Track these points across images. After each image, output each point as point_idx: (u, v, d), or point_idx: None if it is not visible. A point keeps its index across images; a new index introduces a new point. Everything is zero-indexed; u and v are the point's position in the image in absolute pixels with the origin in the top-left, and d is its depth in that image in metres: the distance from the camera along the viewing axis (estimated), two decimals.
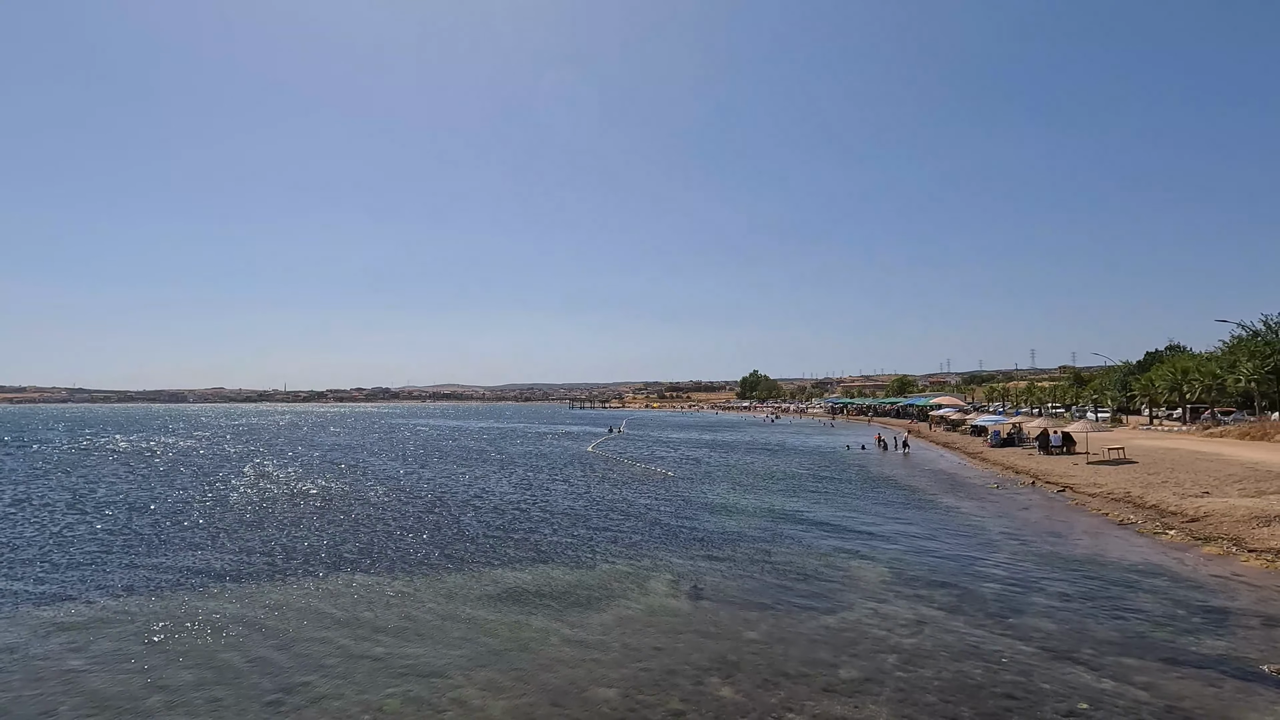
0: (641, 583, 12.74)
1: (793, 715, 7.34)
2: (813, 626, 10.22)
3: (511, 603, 11.53)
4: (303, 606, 11.38)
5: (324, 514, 20.43)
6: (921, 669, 8.54)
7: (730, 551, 15.28)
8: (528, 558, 14.79)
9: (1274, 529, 15.21)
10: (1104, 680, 8.13)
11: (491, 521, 19.13)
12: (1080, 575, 13.06)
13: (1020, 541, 16.31)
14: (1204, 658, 8.80)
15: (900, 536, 17.05)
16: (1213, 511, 17.40)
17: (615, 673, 8.50)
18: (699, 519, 19.55)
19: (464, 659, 9.01)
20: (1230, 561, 13.94)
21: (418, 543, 16.34)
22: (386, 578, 13.20)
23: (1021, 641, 9.50)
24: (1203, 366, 54.99)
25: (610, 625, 10.33)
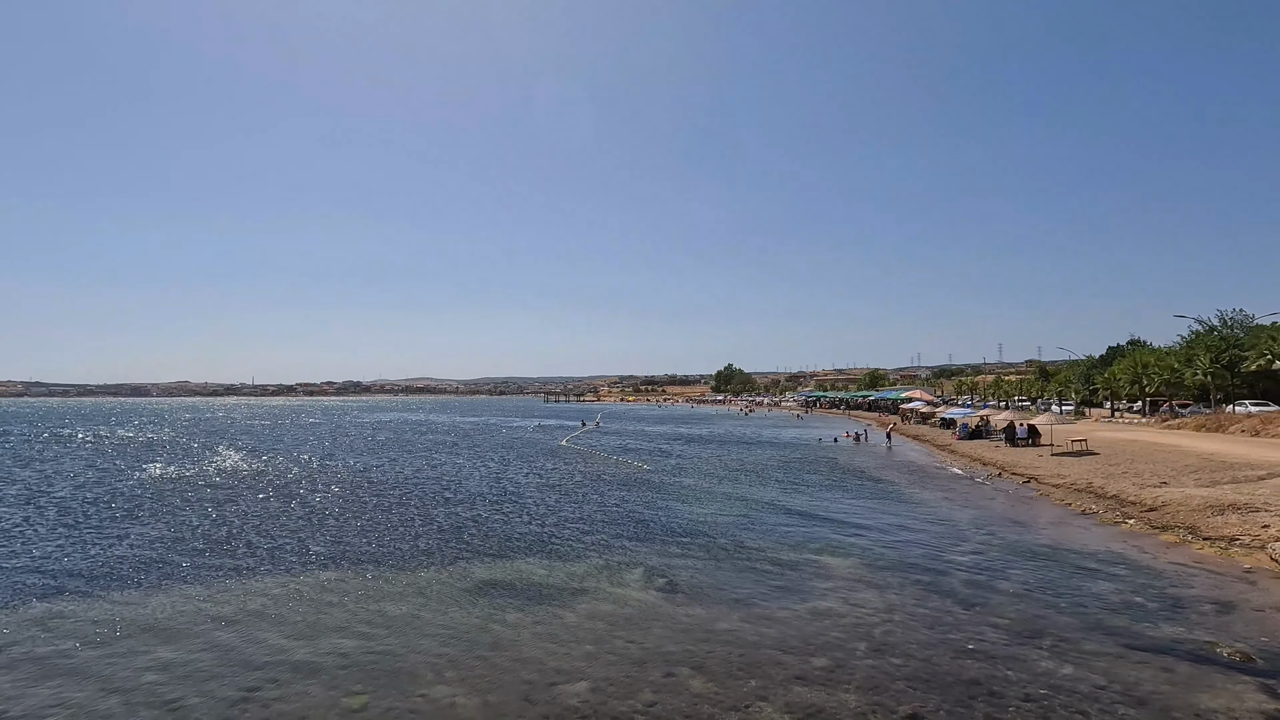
0: (614, 576, 12.72)
1: (763, 705, 7.39)
2: (784, 616, 10.30)
3: (482, 597, 11.43)
4: (266, 604, 11.15)
5: (289, 508, 20.05)
6: (890, 657, 8.66)
7: (703, 544, 15.34)
8: (499, 552, 14.68)
9: (1227, 517, 15.71)
10: (1065, 666, 8.32)
11: (463, 515, 18.95)
12: (1043, 564, 13.36)
13: (987, 531, 16.64)
14: (1160, 642, 9.06)
15: (870, 527, 17.28)
16: (1170, 501, 17.92)
17: (586, 666, 8.47)
18: (672, 511, 19.59)
19: (433, 655, 8.91)
20: (1186, 549, 14.38)
21: (387, 537, 16.12)
22: (354, 573, 13.00)
23: (987, 629, 9.68)
24: (1162, 361, 56.65)
25: (582, 619, 10.29)
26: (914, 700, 7.42)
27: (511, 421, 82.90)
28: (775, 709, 7.27)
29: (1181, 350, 56.34)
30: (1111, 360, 70.35)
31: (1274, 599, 10.81)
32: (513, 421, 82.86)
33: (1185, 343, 56.62)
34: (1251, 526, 14.77)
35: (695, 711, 7.25)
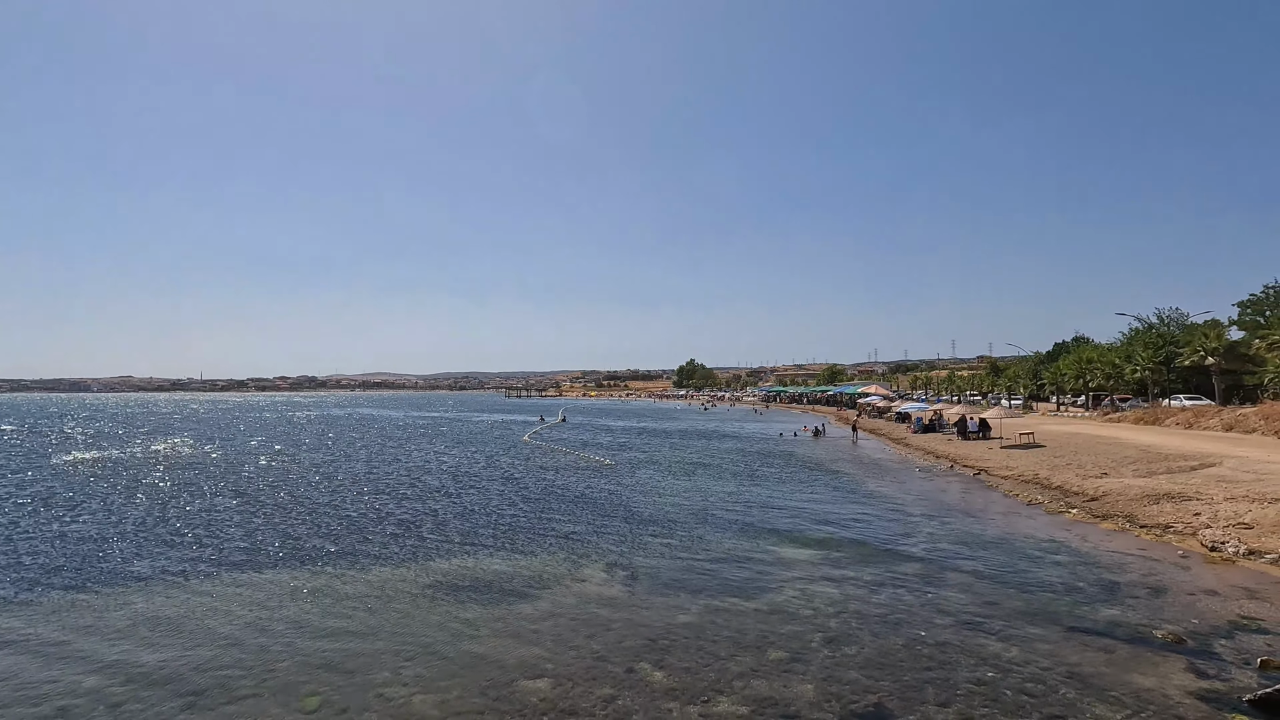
0: (575, 571, 12.70)
1: (722, 697, 7.48)
2: (743, 609, 10.43)
3: (442, 594, 11.30)
4: (214, 604, 10.82)
5: (237, 506, 19.46)
6: (846, 646, 8.85)
7: (664, 537, 15.43)
8: (459, 548, 14.52)
9: (1162, 506, 16.48)
10: (1011, 649, 8.63)
11: (421, 512, 18.67)
12: (992, 552, 13.82)
13: (939, 522, 17.11)
14: (1099, 625, 9.47)
15: (828, 519, 17.61)
16: (1110, 491, 18.70)
17: (547, 662, 8.45)
18: (633, 506, 19.64)
19: (390, 653, 8.77)
20: (1124, 537, 15.04)
21: (342, 535, 15.78)
22: (307, 572, 12.70)
23: (939, 616, 9.97)
24: (1104, 356, 58.99)
25: (543, 614, 10.26)
26: (868, 688, 7.60)
27: (472, 417, 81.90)
28: (733, 701, 7.37)
29: (1122, 347, 58.82)
30: (1058, 356, 72.99)
31: (1204, 583, 11.38)
32: (473, 417, 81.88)
33: (1126, 339, 59.15)
34: (1184, 514, 15.52)
35: (655, 705, 7.30)
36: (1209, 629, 9.23)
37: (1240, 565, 12.35)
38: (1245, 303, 54.05)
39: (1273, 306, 50.08)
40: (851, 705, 7.20)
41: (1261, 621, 9.49)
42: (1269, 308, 50.41)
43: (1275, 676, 7.54)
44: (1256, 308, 52.58)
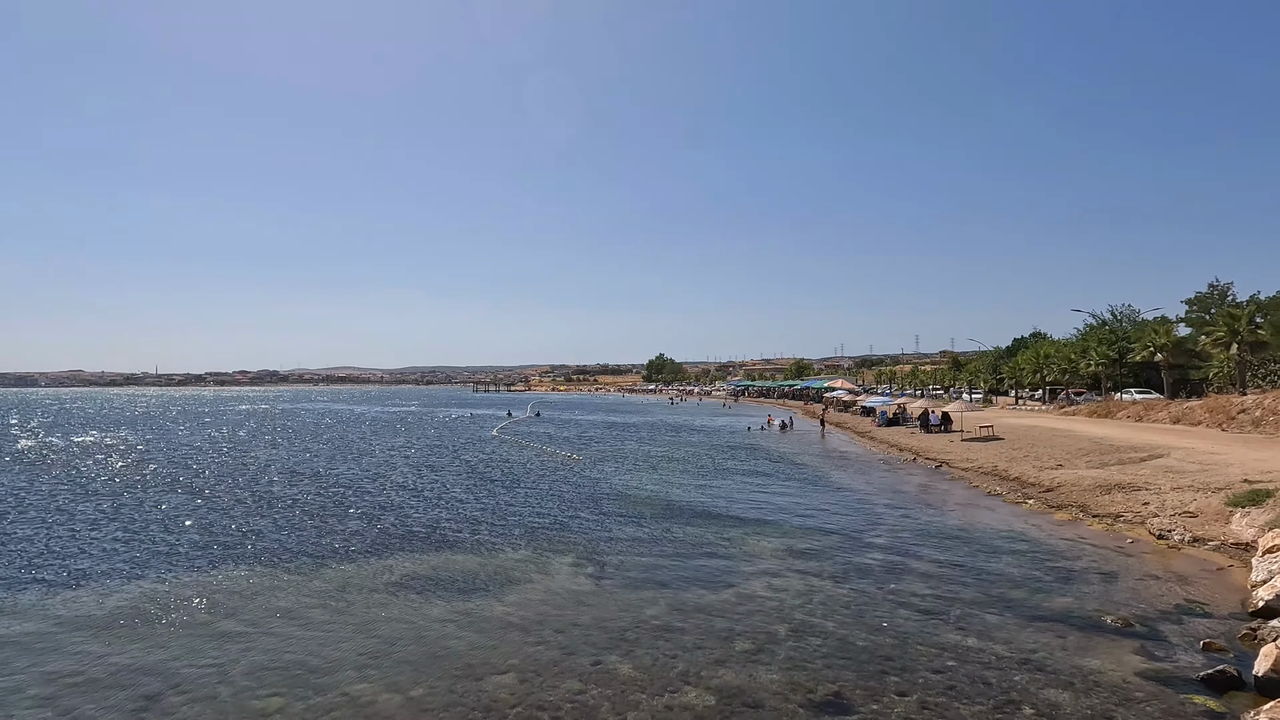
0: (543, 566, 12.66)
1: (689, 687, 7.52)
2: (710, 601, 10.51)
3: (406, 591, 11.15)
4: (170, 604, 10.51)
5: (193, 503, 18.93)
6: (810, 637, 8.98)
7: (631, 531, 15.46)
8: (425, 545, 14.34)
9: (1113, 496, 17.06)
10: (970, 638, 8.85)
11: (385, 507, 18.39)
12: (953, 543, 14.15)
13: (902, 514, 17.47)
14: (1054, 612, 9.77)
15: (793, 511, 17.84)
16: (1064, 482, 19.30)
17: (514, 657, 8.40)
18: (602, 500, 19.64)
19: (354, 653, 8.63)
20: (1077, 526, 15.53)
21: (303, 531, 15.46)
22: (267, 570, 12.41)
23: (900, 606, 10.17)
24: (1060, 352, 60.81)
25: (510, 610, 10.20)
26: (831, 677, 7.73)
27: (438, 411, 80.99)
28: (700, 692, 7.42)
29: (1078, 342, 60.70)
30: (1017, 351, 75.03)
31: (1151, 569, 11.82)
32: (440, 412, 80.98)
33: (1081, 335, 61.01)
34: (1134, 504, 16.09)
35: (623, 698, 7.31)
36: (1156, 614, 9.59)
37: (1185, 552, 12.86)
38: (1192, 300, 56.16)
39: (1217, 304, 52.13)
40: (814, 694, 7.31)
41: (1205, 605, 9.88)
42: (1213, 305, 52.45)
43: (1217, 658, 7.87)
44: (1202, 305, 54.67)
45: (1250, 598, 9.72)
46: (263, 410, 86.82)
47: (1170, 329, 49.22)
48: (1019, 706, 6.94)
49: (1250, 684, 7.08)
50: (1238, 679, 7.17)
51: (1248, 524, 13.18)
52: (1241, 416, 28.78)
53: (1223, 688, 7.10)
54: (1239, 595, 10.17)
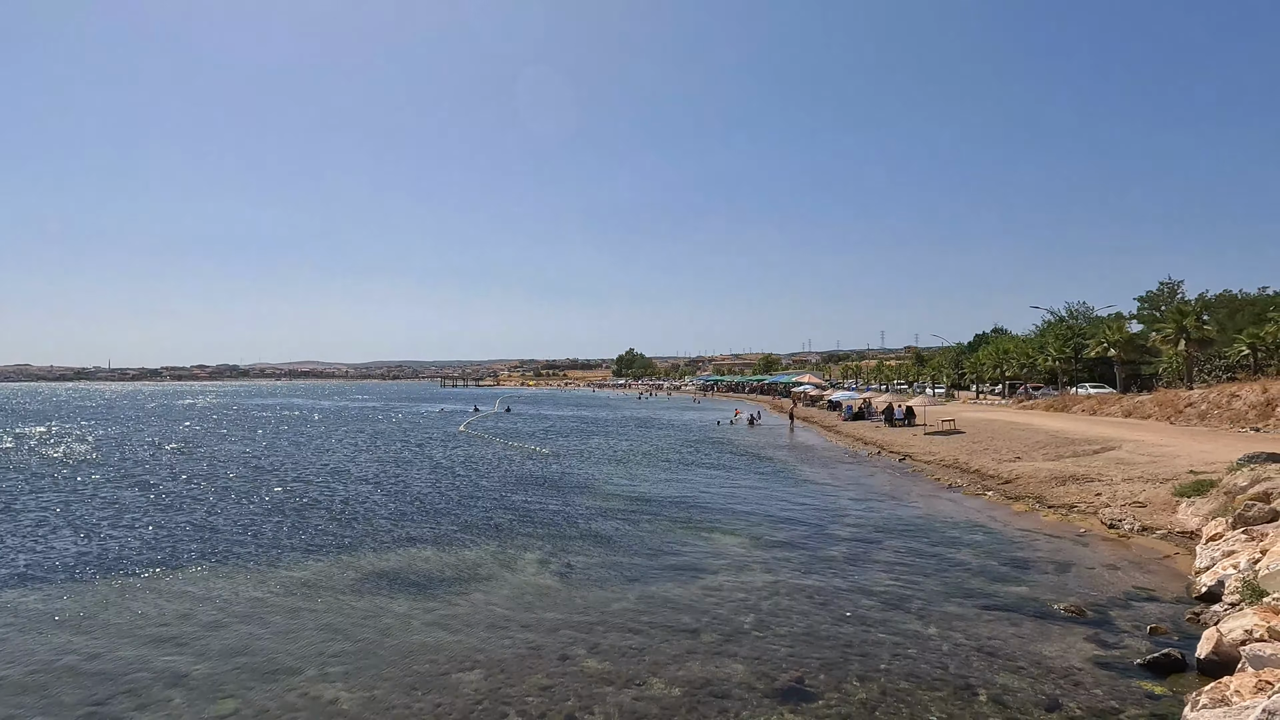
0: (509, 562, 12.58)
1: (656, 680, 7.56)
2: (677, 595, 10.57)
3: (370, 588, 10.99)
4: (121, 605, 10.19)
5: (149, 499, 18.37)
6: (775, 628, 9.09)
7: (599, 526, 15.46)
8: (390, 542, 14.15)
9: (1068, 487, 17.60)
10: (930, 627, 9.05)
11: (350, 505, 18.09)
12: (915, 534, 14.45)
13: (865, 506, 17.78)
14: (1009, 601, 10.04)
15: (760, 505, 18.03)
16: (1022, 474, 19.85)
17: (479, 654, 8.34)
18: (570, 495, 19.60)
19: (315, 651, 8.47)
20: (1034, 517, 15.99)
21: (264, 528, 15.12)
22: (225, 567, 12.11)
23: (863, 596, 10.36)
24: (1019, 348, 62.46)
25: (476, 607, 10.12)
26: (795, 667, 7.84)
27: (404, 407, 79.91)
28: (667, 684, 7.46)
29: (1036, 338, 62.42)
30: (978, 347, 76.84)
31: (1103, 558, 12.23)
32: (406, 407, 79.90)
33: (1039, 331, 62.73)
34: (1087, 495, 16.62)
35: (590, 691, 7.31)
36: (1106, 600, 9.92)
37: (1134, 541, 13.33)
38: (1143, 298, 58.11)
39: (1167, 302, 54.05)
40: (779, 683, 7.41)
41: (1152, 591, 10.26)
42: (1164, 303, 54.37)
43: (1164, 641, 8.18)
44: (1153, 303, 56.63)
45: (1194, 583, 10.11)
46: (220, 404, 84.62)
47: (1123, 326, 50.87)
48: (975, 692, 7.13)
49: (1193, 666, 7.37)
50: (1181, 661, 7.46)
51: (1193, 513, 13.71)
52: (1188, 410, 29.92)
53: (1167, 670, 7.38)
54: (1184, 581, 10.58)
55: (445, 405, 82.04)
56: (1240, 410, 26.83)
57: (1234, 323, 44.54)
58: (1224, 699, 5.70)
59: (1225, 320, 45.78)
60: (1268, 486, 12.35)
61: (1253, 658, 6.17)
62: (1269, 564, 8.74)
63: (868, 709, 6.82)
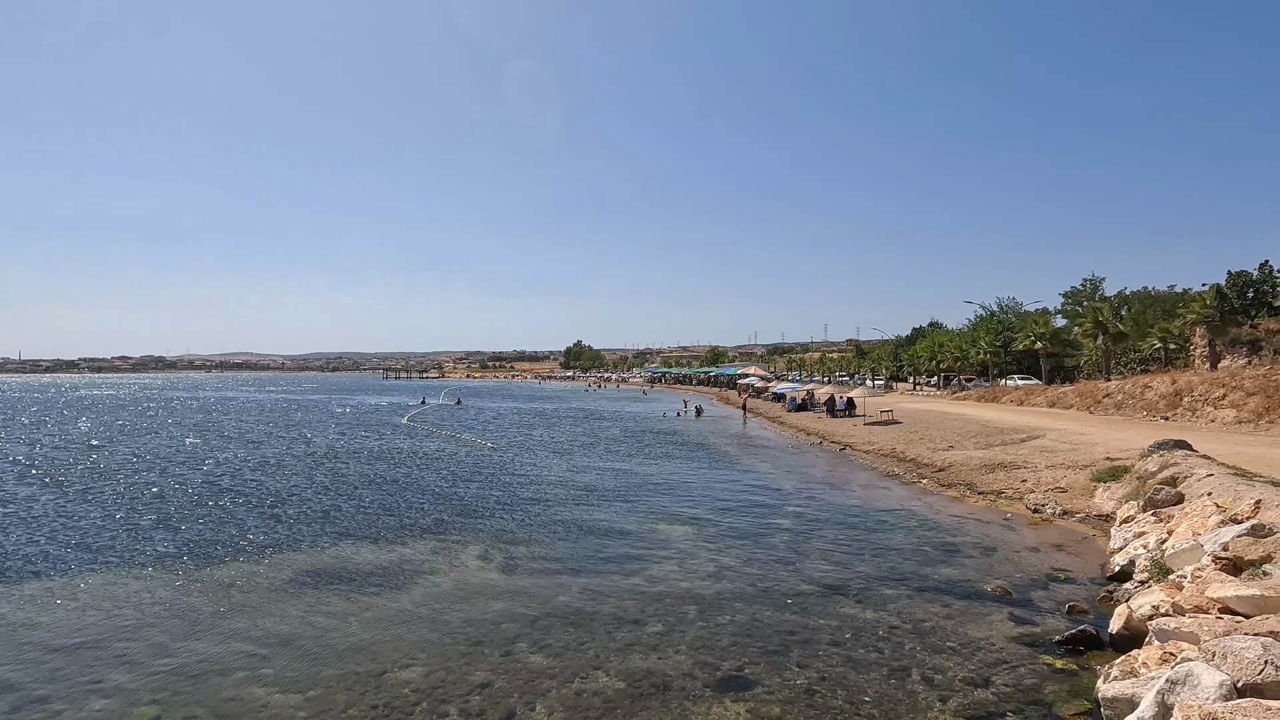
0: (451, 556, 12.38)
1: (599, 673, 7.57)
2: (622, 586, 10.60)
3: (304, 587, 10.63)
4: (32, 610, 9.58)
5: (61, 498, 17.28)
6: (719, 616, 9.22)
7: (544, 518, 15.36)
8: (325, 539, 13.71)
9: (996, 474, 18.42)
10: (867, 611, 9.34)
11: (283, 501, 17.44)
12: (854, 521, 14.88)
13: (807, 495, 18.20)
14: (940, 584, 10.46)
15: (705, 495, 18.25)
16: (954, 462, 20.66)
17: (420, 651, 8.18)
18: (514, 488, 19.41)
19: (245, 653, 8.15)
20: (965, 503, 16.68)
21: (188, 527, 14.42)
22: (148, 570, 11.51)
23: (804, 583, 10.61)
24: (953, 341, 64.94)
25: (417, 603, 9.92)
26: (737, 654, 7.97)
27: (345, 399, 77.52)
28: (611, 676, 7.48)
29: (969, 332, 64.98)
30: (915, 340, 79.48)
31: (1027, 541, 12.87)
32: (347, 399, 77.52)
33: (972, 325, 65.33)
34: (1014, 481, 17.43)
35: (532, 686, 7.27)
36: (1029, 581, 10.44)
37: (1056, 524, 14.06)
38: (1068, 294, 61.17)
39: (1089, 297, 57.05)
40: (721, 672, 7.52)
41: (1070, 572, 10.85)
42: (1086, 299, 57.37)
43: (1079, 619, 8.65)
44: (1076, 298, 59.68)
45: (1109, 563, 10.74)
46: (144, 396, 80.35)
47: (1049, 320, 53.48)
48: (908, 672, 7.39)
49: (1107, 641, 7.83)
50: (1096, 638, 7.91)
51: (1108, 497, 14.55)
52: (1106, 400, 31.70)
53: (1084, 646, 7.81)
54: (1100, 561, 11.22)
55: (390, 397, 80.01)
56: (1152, 400, 28.58)
57: (1146, 318, 47.40)
58: (1133, 671, 6.07)
59: (1140, 316, 48.67)
60: (1174, 471, 13.19)
61: (1158, 631, 6.58)
62: (1174, 543, 9.35)
63: (806, 694, 6.99)
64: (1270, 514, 8.90)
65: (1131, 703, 5.44)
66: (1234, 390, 24.60)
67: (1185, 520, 10.17)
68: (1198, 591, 6.99)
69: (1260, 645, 5.01)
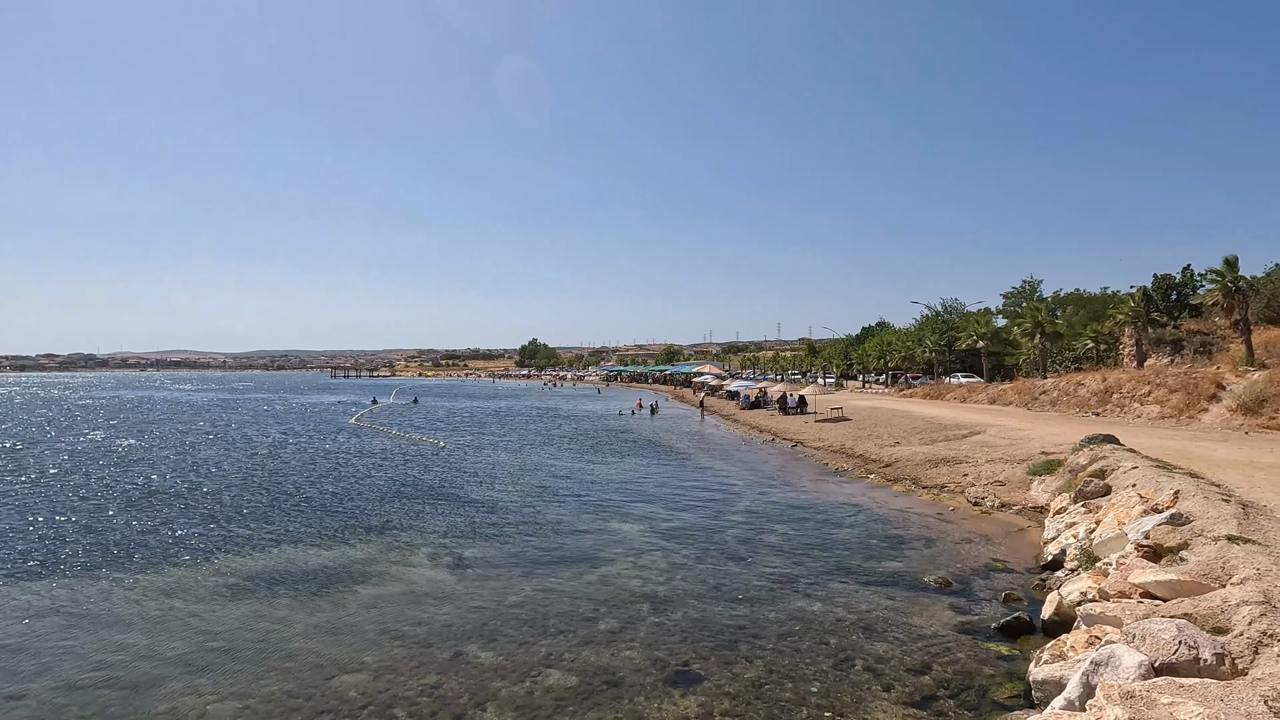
0: (401, 557, 12.15)
1: (552, 670, 7.55)
2: (575, 585, 10.59)
3: (246, 592, 10.29)
4: None
5: None
6: (671, 613, 9.30)
7: (497, 517, 15.22)
8: (269, 542, 13.28)
9: (940, 469, 19.04)
10: (815, 604, 9.55)
11: (222, 503, 16.81)
12: (803, 516, 15.18)
13: (759, 491, 18.48)
14: (885, 576, 10.76)
15: (660, 492, 18.35)
16: (901, 458, 21.27)
17: (367, 655, 8.01)
18: (467, 487, 19.16)
19: (182, 661, 7.84)
20: (910, 497, 17.20)
21: (121, 532, 13.77)
22: (76, 577, 10.95)
23: (754, 578, 10.78)
24: (901, 340, 66.78)
25: (364, 605, 9.70)
26: (689, 650, 8.06)
27: (292, 398, 75.16)
28: (563, 673, 7.47)
29: (915, 331, 66.88)
30: (865, 339, 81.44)
31: (967, 533, 13.35)
32: (294, 398, 75.17)
33: (918, 325, 67.27)
34: (956, 475, 18.05)
35: (483, 686, 7.20)
36: (969, 572, 10.84)
37: (995, 517, 14.63)
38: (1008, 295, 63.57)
39: (1027, 298, 59.40)
40: (673, 667, 7.59)
41: (1007, 562, 11.31)
42: (1024, 299, 59.71)
43: (1015, 607, 9.03)
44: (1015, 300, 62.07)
45: (1042, 553, 11.23)
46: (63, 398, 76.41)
47: (990, 320, 55.53)
48: (853, 663, 7.60)
49: (1039, 627, 8.20)
50: (1030, 624, 8.28)
51: (1043, 490, 15.20)
52: (1043, 397, 33.09)
53: (1018, 633, 8.17)
54: (1034, 551, 11.72)
55: (340, 397, 77.90)
56: (1084, 397, 29.97)
57: (1080, 318, 49.65)
58: (1061, 654, 6.37)
59: (1073, 316, 50.95)
60: (1102, 465, 13.88)
61: (1085, 616, 6.93)
62: (1101, 533, 9.84)
63: (755, 687, 7.11)
64: (1188, 504, 9.45)
65: (1060, 684, 5.71)
66: (1158, 387, 25.98)
67: (1112, 511, 10.71)
68: (1121, 578, 7.37)
69: (1175, 627, 5.32)
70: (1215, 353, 34.61)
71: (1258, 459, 14.47)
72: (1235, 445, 17.02)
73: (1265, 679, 4.59)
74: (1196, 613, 5.91)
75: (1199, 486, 10.59)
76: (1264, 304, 36.72)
